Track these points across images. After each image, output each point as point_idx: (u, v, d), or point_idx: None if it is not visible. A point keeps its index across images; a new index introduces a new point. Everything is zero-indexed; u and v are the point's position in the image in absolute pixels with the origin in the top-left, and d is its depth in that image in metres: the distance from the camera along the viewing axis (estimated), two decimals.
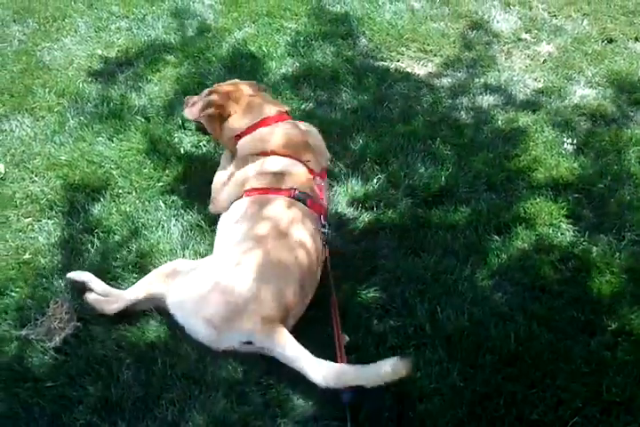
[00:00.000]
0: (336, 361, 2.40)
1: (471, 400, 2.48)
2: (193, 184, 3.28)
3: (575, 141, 3.64)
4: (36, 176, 3.38)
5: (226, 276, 2.54)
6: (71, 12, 4.62)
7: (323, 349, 2.45)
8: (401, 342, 2.68)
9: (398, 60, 4.26)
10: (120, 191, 3.28)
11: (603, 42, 4.46)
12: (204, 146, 3.56)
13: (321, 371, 2.33)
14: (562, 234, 3.16)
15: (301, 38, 4.37)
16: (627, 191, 3.40)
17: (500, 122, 3.79)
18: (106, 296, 2.72)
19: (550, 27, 4.54)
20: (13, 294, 2.82)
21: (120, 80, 4.00)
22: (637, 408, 2.48)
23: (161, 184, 3.32)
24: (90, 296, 2.72)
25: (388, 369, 2.26)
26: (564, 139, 3.66)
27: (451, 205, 3.27)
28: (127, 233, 3.07)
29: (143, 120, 3.69)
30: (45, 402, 2.45)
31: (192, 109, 3.06)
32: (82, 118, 3.71)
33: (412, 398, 2.49)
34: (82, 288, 2.76)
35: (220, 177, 3.04)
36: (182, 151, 3.51)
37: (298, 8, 4.64)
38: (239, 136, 2.98)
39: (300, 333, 2.51)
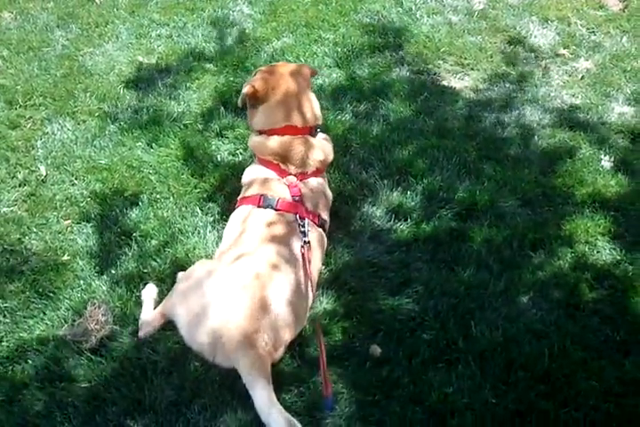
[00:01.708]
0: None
1: (503, 417, 2.48)
2: (229, 191, 3.30)
3: (613, 159, 3.60)
4: (75, 179, 3.45)
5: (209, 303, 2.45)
6: (113, 18, 4.70)
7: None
8: (433, 356, 2.67)
9: (435, 73, 4.26)
10: (158, 196, 3.33)
11: None
12: (241, 153, 3.59)
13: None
14: (598, 252, 3.13)
15: (339, 49, 4.39)
16: None
17: (536, 138, 3.76)
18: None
19: (589, 43, 4.50)
20: (51, 294, 2.88)
21: (159, 87, 4.06)
22: None
23: (198, 191, 3.36)
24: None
25: None
26: (602, 156, 3.62)
27: (485, 219, 3.25)
28: (164, 238, 3.12)
29: (182, 127, 3.74)
30: (79, 402, 2.51)
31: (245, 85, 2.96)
32: (122, 123, 3.77)
33: (443, 412, 2.49)
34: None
35: None
36: (219, 158, 3.55)
37: (336, 19, 4.67)
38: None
39: None
